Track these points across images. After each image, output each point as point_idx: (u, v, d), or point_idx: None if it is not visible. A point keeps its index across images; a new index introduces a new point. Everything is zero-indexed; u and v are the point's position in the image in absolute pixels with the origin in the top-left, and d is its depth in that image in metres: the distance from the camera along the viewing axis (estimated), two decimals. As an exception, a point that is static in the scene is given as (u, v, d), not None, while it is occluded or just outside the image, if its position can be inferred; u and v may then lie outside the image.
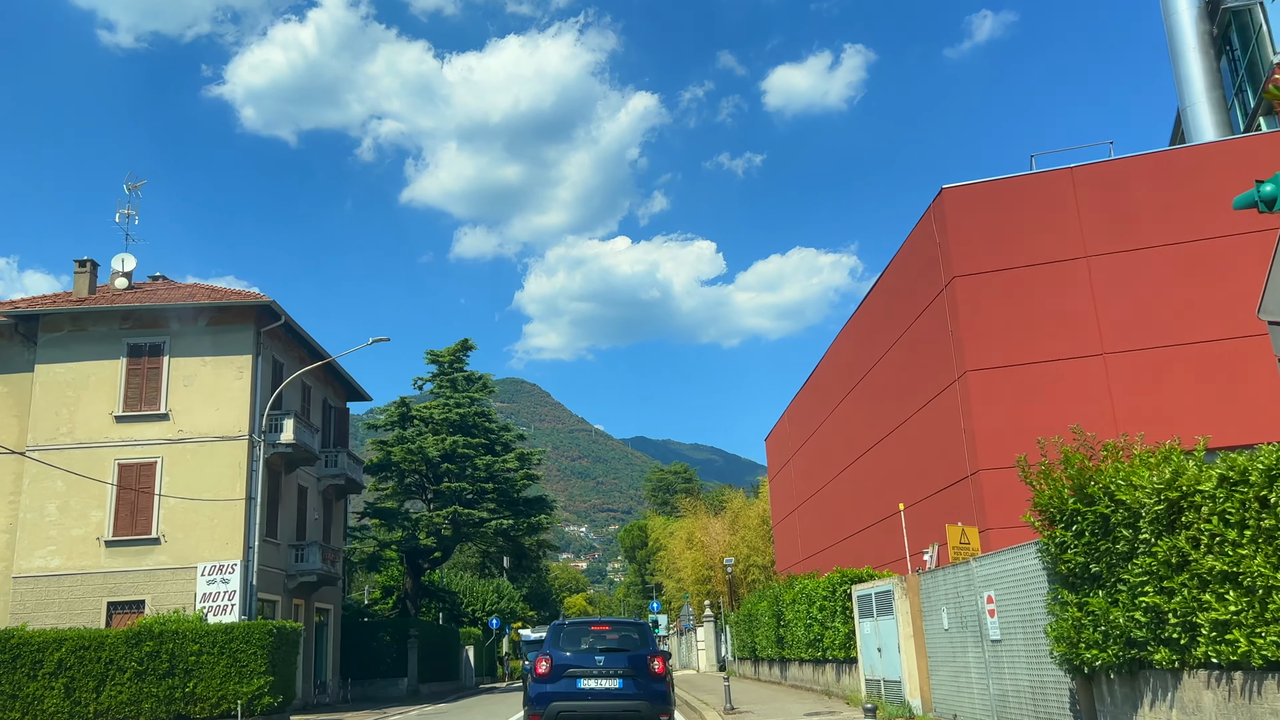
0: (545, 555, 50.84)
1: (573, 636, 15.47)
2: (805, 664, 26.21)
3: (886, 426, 28.27)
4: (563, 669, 14.68)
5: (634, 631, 15.94)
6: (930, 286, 24.76)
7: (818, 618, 23.34)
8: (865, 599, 19.69)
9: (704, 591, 62.63)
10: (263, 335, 32.56)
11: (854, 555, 30.79)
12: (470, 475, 44.54)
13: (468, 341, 48.76)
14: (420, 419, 45.64)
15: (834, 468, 34.56)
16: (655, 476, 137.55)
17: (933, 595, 16.91)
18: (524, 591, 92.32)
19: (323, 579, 35.47)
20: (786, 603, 28.04)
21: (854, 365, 31.64)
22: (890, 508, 27.78)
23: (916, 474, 25.96)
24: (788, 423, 44.81)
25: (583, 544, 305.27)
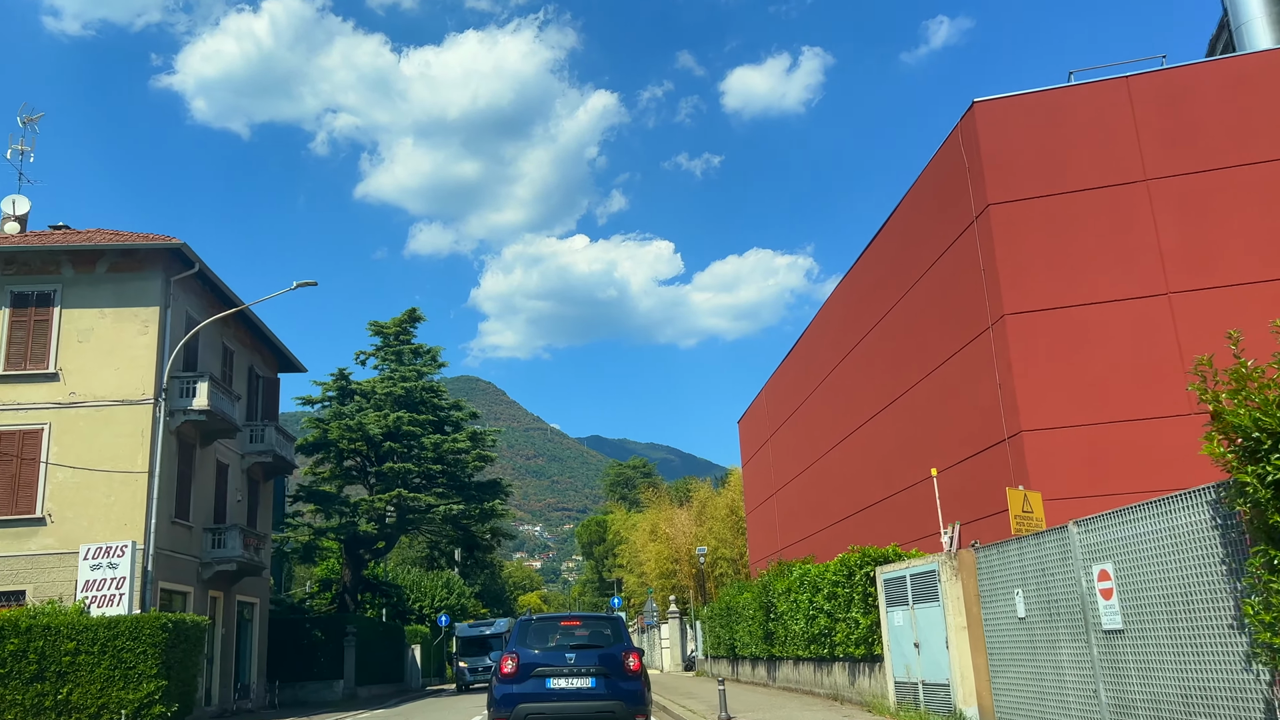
0: (500, 545, 46.57)
1: (541, 633, 14.46)
2: (804, 663, 22.45)
3: (897, 388, 24.59)
4: (530, 668, 13.68)
5: (606, 626, 14.78)
6: (957, 219, 21.11)
7: (824, 608, 19.59)
8: (896, 583, 15.94)
9: (668, 586, 58.85)
10: (173, 285, 28.14)
11: (853, 539, 27.08)
12: (417, 456, 40.27)
13: (415, 311, 44.47)
14: (361, 394, 41.28)
15: (826, 442, 30.86)
16: (613, 472, 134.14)
17: (997, 575, 13.20)
18: (476, 588, 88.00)
19: (245, 568, 31.11)
20: (778, 592, 24.27)
21: (854, 323, 27.94)
22: (901, 481, 24.13)
23: (936, 441, 22.31)
24: (765, 401, 41.12)
25: (537, 543, 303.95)
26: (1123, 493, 17.48)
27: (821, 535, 31.02)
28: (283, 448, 35.20)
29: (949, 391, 21.59)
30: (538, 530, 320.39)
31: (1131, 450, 18.21)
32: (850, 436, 28.38)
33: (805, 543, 31.98)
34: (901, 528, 23.43)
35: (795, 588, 22.28)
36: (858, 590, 17.47)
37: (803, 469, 33.99)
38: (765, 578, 26.06)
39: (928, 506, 22.01)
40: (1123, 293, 18.79)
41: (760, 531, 43.51)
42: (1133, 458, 18.16)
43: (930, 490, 22.19)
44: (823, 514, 31.38)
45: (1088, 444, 18.43)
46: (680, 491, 72.58)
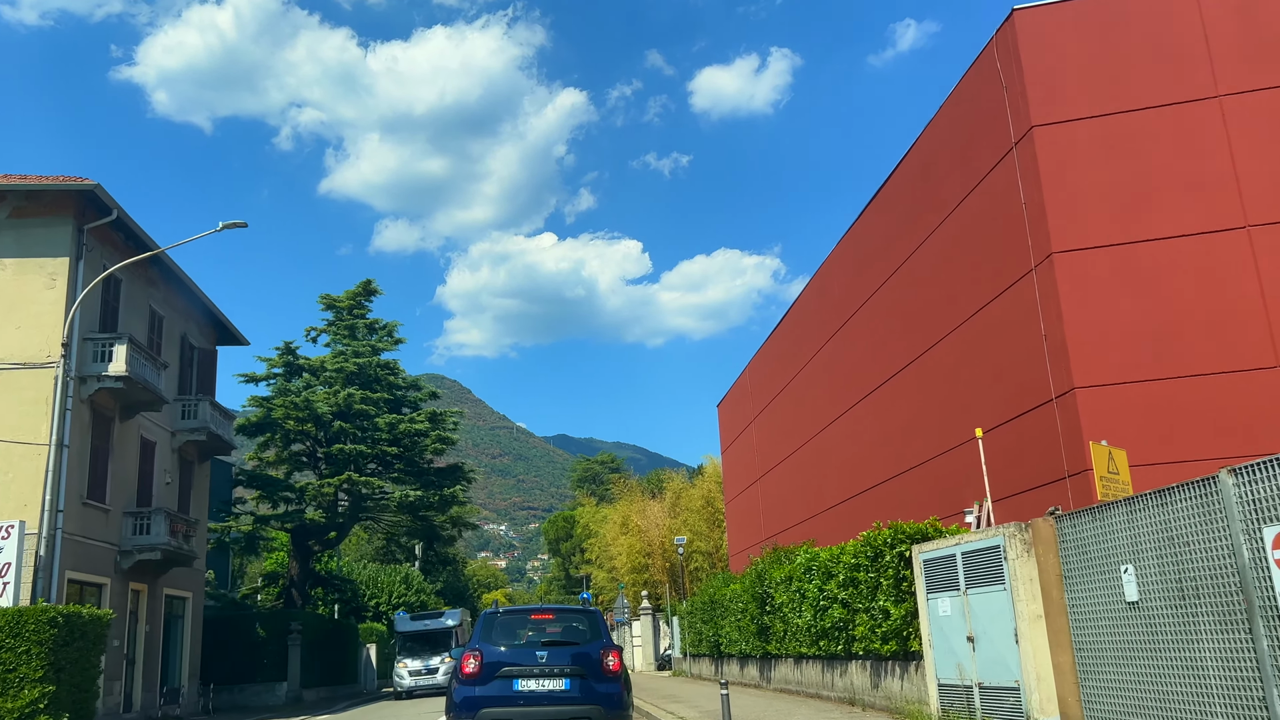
0: (461, 536, 43.26)
1: (508, 628, 12.77)
2: (809, 662, 19.51)
3: (914, 349, 21.71)
4: (495, 667, 12.06)
5: (582, 620, 13.08)
6: (992, 147, 18.26)
7: (839, 597, 16.64)
8: (941, 564, 13.01)
9: (640, 581, 55.85)
10: (87, 234, 24.73)
11: (858, 523, 24.21)
12: (370, 437, 36.88)
13: (370, 284, 41.06)
14: (310, 371, 37.82)
15: (824, 417, 27.96)
16: (581, 467, 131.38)
17: (1091, 549, 10.31)
18: (438, 585, 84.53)
19: (172, 558, 27.70)
20: (776, 582, 21.33)
21: (860, 281, 25.04)
22: (918, 454, 21.26)
23: (964, 406, 19.46)
24: (749, 380, 38.22)
25: (502, 542, 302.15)
26: (1195, 459, 14.73)
27: (817, 520, 28.13)
28: (219, 426, 31.78)
29: (981, 348, 18.73)
30: (503, 529, 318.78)
31: (1204, 409, 15.46)
32: (854, 408, 25.50)
33: (798, 529, 29.08)
34: (920, 506, 20.54)
35: (799, 576, 19.33)
36: (887, 575, 14.53)
37: (795, 449, 31.09)
38: (759, 565, 23.10)
39: (954, 480, 19.18)
40: (1192, 226, 16.02)
41: (742, 521, 40.60)
42: (1206, 417, 15.41)
43: (959, 461, 19.36)
44: (819, 497, 28.49)
45: (1153, 402, 15.65)
46: (653, 484, 69.58)
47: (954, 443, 19.89)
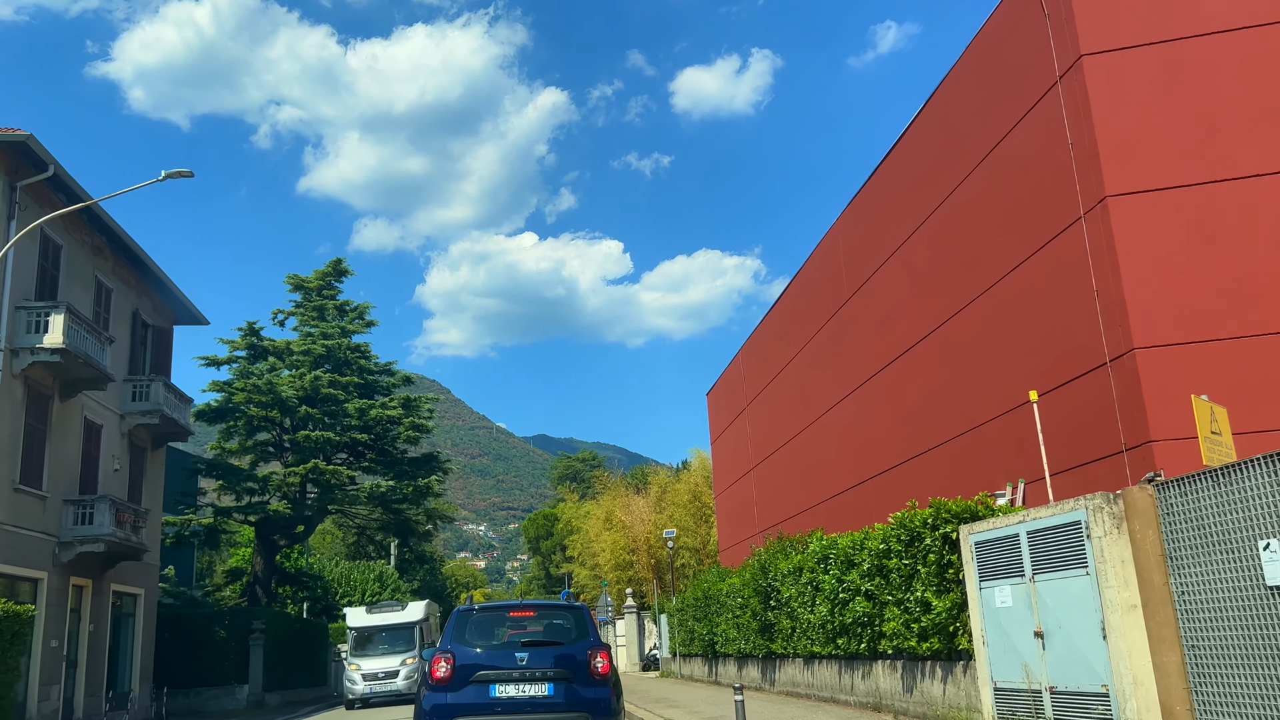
0: (438, 530, 40.92)
1: (484, 626, 11.52)
2: (822, 662, 17.46)
3: (937, 315, 19.68)
4: (470, 671, 10.77)
5: (566, 618, 11.79)
6: (1032, 83, 16.26)
7: (863, 588, 14.60)
8: (999, 546, 10.97)
9: (624, 579, 53.72)
10: (20, 192, 22.40)
11: (870, 510, 22.22)
12: (339, 424, 34.60)
13: (341, 263, 38.76)
14: (275, 353, 35.48)
15: (829, 398, 25.92)
16: (561, 465, 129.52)
17: (1212, 521, 8.30)
18: (415, 584, 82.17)
19: (119, 551, 25.41)
20: (782, 574, 19.29)
21: (871, 247, 22.99)
22: (942, 431, 19.27)
23: (997, 375, 17.46)
24: (742, 365, 36.19)
25: (481, 542, 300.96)
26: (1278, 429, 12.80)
27: (820, 510, 26.11)
28: (175, 409, 29.43)
29: (1014, 312, 16.72)
30: (482, 529, 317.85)
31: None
32: (863, 387, 23.47)
33: (798, 520, 27.05)
34: (940, 491, 18.52)
35: (811, 566, 17.29)
36: (927, 561, 12.48)
37: (794, 434, 29.06)
38: (762, 556, 21.05)
39: (981, 460, 17.20)
40: (1272, 164, 14.06)
41: (733, 514, 38.58)
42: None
43: (988, 439, 17.37)
44: (822, 485, 26.47)
45: (1227, 365, 13.70)
46: (637, 479, 67.50)
47: (980, 419, 17.91)
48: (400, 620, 30.18)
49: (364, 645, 29.94)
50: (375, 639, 29.88)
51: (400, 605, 30.94)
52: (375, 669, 28.85)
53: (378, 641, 29.86)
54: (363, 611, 31.16)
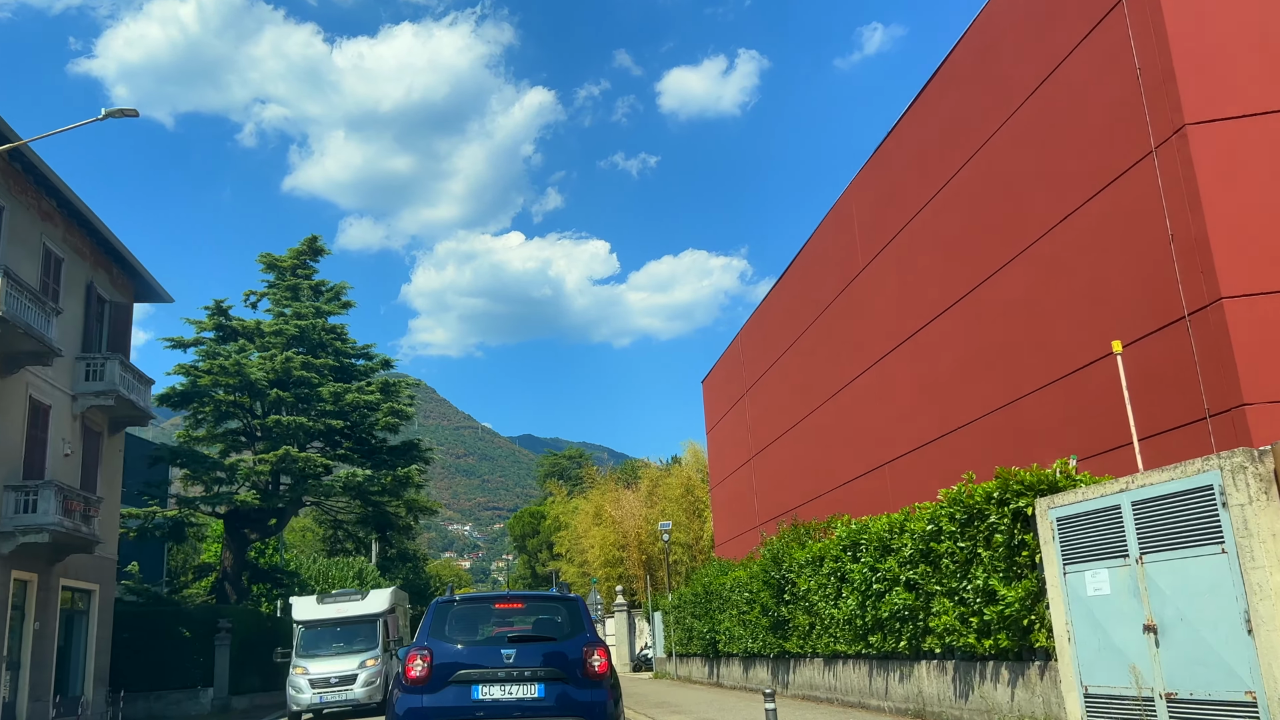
0: (418, 523, 38.70)
1: (466, 620, 10.25)
2: (850, 662, 15.49)
3: (968, 278, 17.72)
4: (450, 670, 9.49)
5: (558, 611, 10.55)
6: (1090, 2, 14.32)
7: (903, 577, 12.64)
8: (1089, 522, 9.02)
9: (614, 576, 51.70)
10: (-47, 143, 20.24)
11: (885, 498, 20.32)
12: (314, 409, 32.43)
13: (316, 241, 36.59)
14: (245, 335, 33.29)
15: (841, 375, 23.95)
16: (548, 462, 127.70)
17: None
18: (397, 582, 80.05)
19: (67, 542, 23.26)
20: (798, 564, 17.33)
21: (893, 206, 21.01)
22: (975, 407, 17.34)
23: (1041, 341, 15.52)
24: (741, 348, 34.23)
25: (467, 542, 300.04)
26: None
27: (830, 498, 24.15)
28: (133, 391, 27.26)
29: (1068, 266, 14.77)
30: (467, 530, 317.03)
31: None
32: (881, 362, 21.51)
33: (808, 508, 25.06)
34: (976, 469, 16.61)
35: (836, 554, 15.33)
36: (991, 543, 10.52)
37: (801, 417, 27.09)
38: (774, 546, 19.07)
39: (1027, 435, 15.28)
40: (1378, 84, 12.17)
41: (730, 506, 36.60)
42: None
43: (1033, 412, 15.44)
44: (833, 471, 24.51)
45: (1331, 315, 11.77)
46: (627, 473, 65.49)
47: (1022, 390, 15.98)
48: (359, 612, 24.50)
49: (313, 644, 24.33)
50: (328, 636, 24.43)
51: (359, 593, 25.19)
52: (327, 673, 23.36)
53: (330, 639, 24.39)
54: (312, 601, 25.23)
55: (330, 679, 23.21)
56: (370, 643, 24.09)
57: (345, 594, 25.27)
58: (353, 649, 23.99)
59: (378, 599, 24.94)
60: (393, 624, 25.62)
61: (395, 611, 26.13)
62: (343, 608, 24.64)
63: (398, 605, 26.90)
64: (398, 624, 26.53)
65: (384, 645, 24.08)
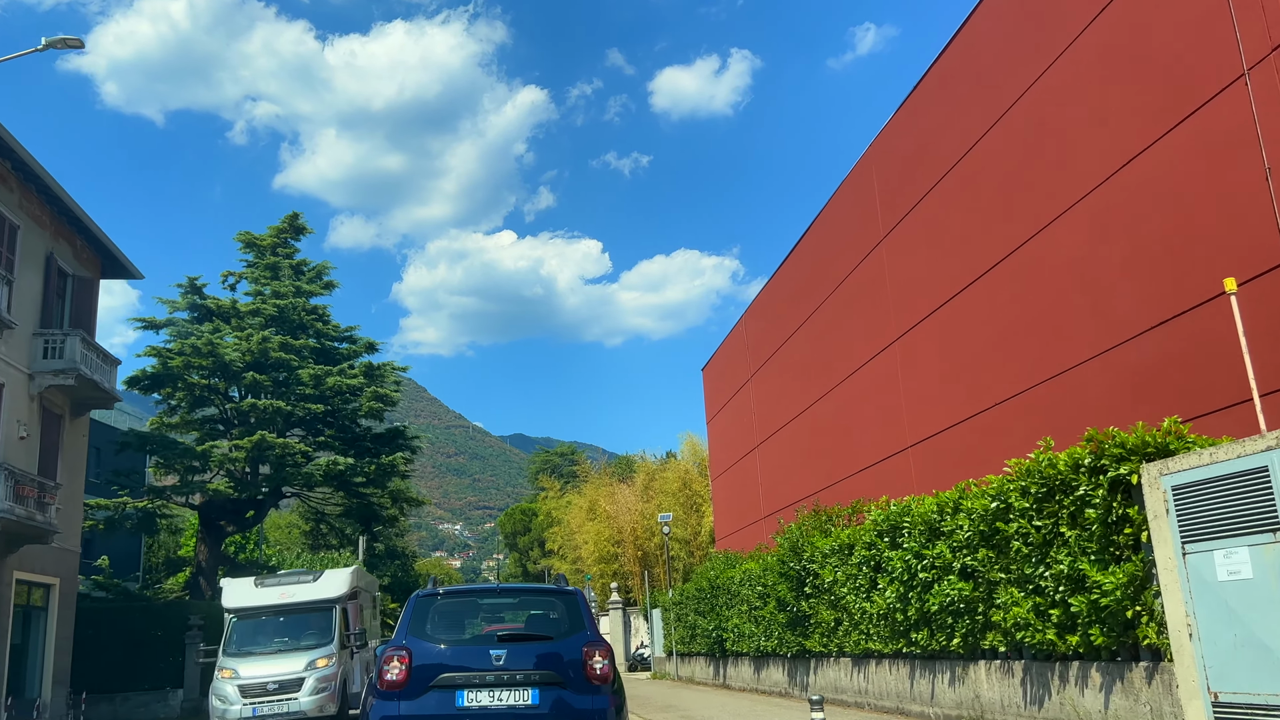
0: (405, 515, 36.79)
1: (450, 617, 9.10)
2: (886, 663, 13.75)
3: (1012, 236, 15.94)
4: (432, 673, 8.37)
5: (554, 606, 9.22)
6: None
7: (956, 564, 10.89)
8: (1220, 490, 7.27)
9: (608, 573, 49.96)
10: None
11: (910, 484, 18.60)
12: (292, 392, 30.56)
13: (298, 218, 34.71)
14: (220, 314, 31.42)
15: (858, 354, 22.20)
16: (540, 458, 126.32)
17: None
18: (385, 580, 78.18)
19: (20, 531, 21.43)
20: (821, 553, 15.59)
21: (922, 164, 19.26)
22: (1015, 382, 15.65)
23: (1096, 305, 13.79)
24: (746, 331, 32.50)
25: (457, 542, 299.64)
26: None
27: (845, 486, 22.41)
28: (96, 370, 25.41)
29: (1134, 211, 13.03)
30: (458, 529, 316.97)
31: None
32: (909, 334, 19.77)
33: (820, 497, 23.31)
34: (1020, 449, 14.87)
35: (869, 540, 13.59)
36: (1081, 519, 8.78)
37: (814, 400, 25.36)
38: (793, 534, 17.31)
39: (1082, 408, 13.56)
40: None
41: (733, 498, 34.86)
42: None
43: (1080, 385, 13.73)
44: (852, 454, 22.78)
45: None
46: (621, 468, 63.73)
47: (1081, 356, 14.26)
48: (310, 597, 19.35)
49: (248, 639, 19.10)
50: (268, 628, 19.29)
51: (311, 574, 20.21)
52: (263, 677, 18.07)
53: (272, 632, 19.27)
54: (247, 584, 20.05)
55: (268, 685, 17.99)
56: (322, 637, 18.99)
57: (293, 575, 20.22)
58: (299, 645, 18.94)
59: (334, 581, 19.76)
60: (354, 613, 20.51)
61: (358, 598, 21.14)
62: (288, 592, 19.61)
63: (362, 590, 21.85)
64: (359, 613, 21.20)
65: (341, 640, 19.12)
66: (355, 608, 20.70)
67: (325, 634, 19.11)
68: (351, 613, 20.25)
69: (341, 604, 19.71)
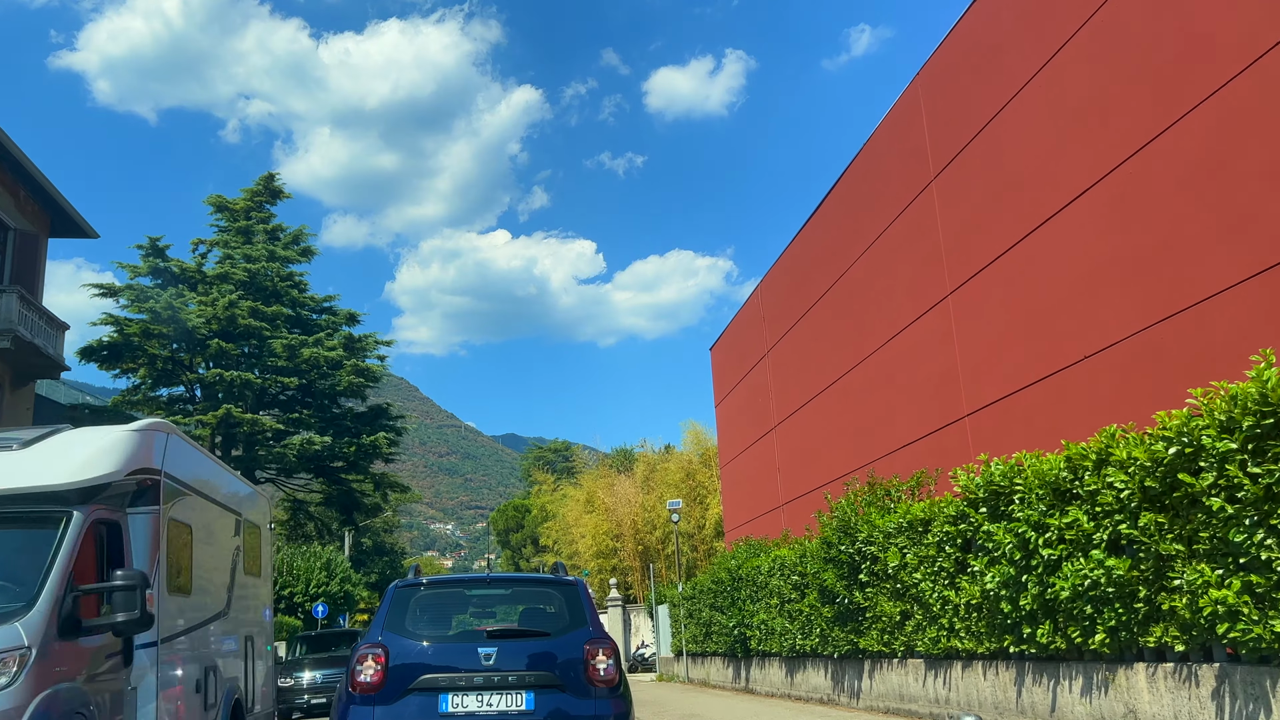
0: (388, 502, 33.97)
1: (434, 610, 8.23)
2: (973, 665, 11.02)
3: (1118, 147, 13.17)
4: (411, 674, 7.57)
5: (553, 598, 8.39)
6: None
7: (1103, 536, 8.16)
8: None
9: (607, 568, 47.24)
10: None
11: (973, 454, 15.84)
12: (264, 364, 27.72)
13: (274, 179, 31.88)
14: (186, 280, 28.57)
15: (901, 315, 19.43)
16: (533, 454, 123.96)
17: None
18: (372, 577, 75.44)
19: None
20: (882, 533, 12.88)
21: (976, 100, 16.51)
22: (1106, 333, 12.90)
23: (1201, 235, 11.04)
24: (761, 302, 29.77)
25: (449, 541, 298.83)
26: None
27: (888, 461, 19.64)
28: (39, 334, 22.62)
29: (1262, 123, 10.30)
30: (449, 529, 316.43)
31: None
32: (969, 284, 17.02)
33: (842, 483, 20.56)
34: (1118, 409, 12.09)
35: (959, 511, 10.86)
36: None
37: (847, 369, 22.62)
38: (842, 512, 14.55)
39: (1218, 348, 10.84)
40: None
41: (745, 486, 32.11)
42: None
43: (1186, 332, 11.02)
44: (892, 429, 20.03)
45: None
46: (619, 460, 60.95)
47: (1208, 290, 11.54)
48: None
49: None
50: None
51: (13, 437, 7.86)
52: None
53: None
54: None
55: None
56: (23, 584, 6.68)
57: None
58: None
59: (71, 454, 7.58)
60: (136, 540, 8.05)
61: (161, 508, 8.34)
62: None
63: (183, 491, 9.04)
64: (154, 539, 8.18)
65: (57, 606, 6.52)
66: (154, 528, 8.31)
67: (29, 577, 6.85)
68: (131, 541, 8.09)
69: (91, 511, 7.46)
